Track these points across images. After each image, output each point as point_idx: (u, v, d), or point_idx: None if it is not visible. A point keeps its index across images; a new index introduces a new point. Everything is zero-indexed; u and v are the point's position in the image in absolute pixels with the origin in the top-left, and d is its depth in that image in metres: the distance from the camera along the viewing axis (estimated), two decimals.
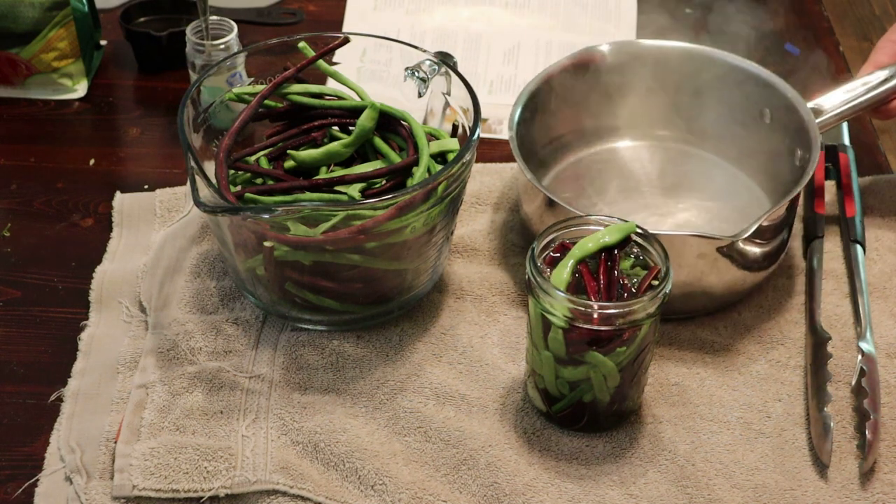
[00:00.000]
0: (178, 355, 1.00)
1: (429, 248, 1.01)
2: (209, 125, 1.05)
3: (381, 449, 0.94)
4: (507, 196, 1.20)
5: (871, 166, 1.26)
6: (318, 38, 1.09)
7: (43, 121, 1.31)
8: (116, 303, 1.07)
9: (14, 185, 1.21)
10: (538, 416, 0.97)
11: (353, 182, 1.00)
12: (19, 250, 1.13)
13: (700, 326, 1.06)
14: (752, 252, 1.03)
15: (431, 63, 1.08)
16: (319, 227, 0.93)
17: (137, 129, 1.30)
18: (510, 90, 1.37)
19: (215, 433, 0.94)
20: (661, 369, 1.01)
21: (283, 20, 1.47)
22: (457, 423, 0.96)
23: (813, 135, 1.08)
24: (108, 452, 0.93)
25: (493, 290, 1.09)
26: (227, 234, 0.98)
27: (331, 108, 1.07)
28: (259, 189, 1.01)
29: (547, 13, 1.49)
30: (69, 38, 1.30)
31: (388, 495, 0.90)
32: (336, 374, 1.00)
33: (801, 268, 1.12)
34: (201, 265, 1.09)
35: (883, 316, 1.07)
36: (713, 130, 1.20)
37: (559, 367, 0.91)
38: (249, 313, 1.05)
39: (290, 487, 0.90)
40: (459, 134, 1.07)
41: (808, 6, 1.56)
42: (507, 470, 0.93)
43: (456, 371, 1.01)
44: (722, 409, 0.99)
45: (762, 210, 1.12)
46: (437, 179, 0.95)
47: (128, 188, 1.20)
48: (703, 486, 0.92)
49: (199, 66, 1.26)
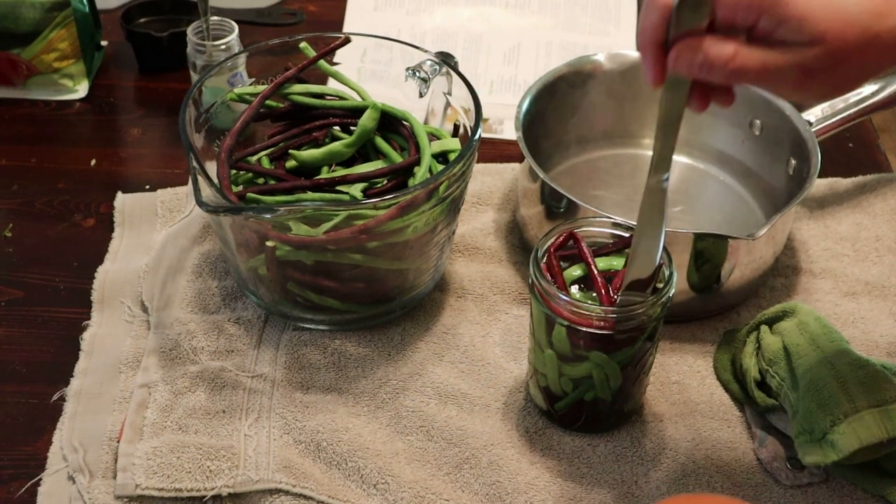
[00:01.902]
0: (181, 355, 1.01)
1: (430, 248, 1.01)
2: (211, 125, 1.05)
3: (384, 448, 0.94)
4: (509, 196, 1.20)
5: (870, 165, 1.27)
6: (318, 39, 1.09)
7: (44, 121, 1.31)
8: (118, 303, 1.07)
9: (15, 185, 1.21)
10: (540, 416, 0.97)
11: (355, 182, 1.01)
12: (21, 250, 1.13)
13: (700, 326, 1.06)
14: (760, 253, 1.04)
15: (432, 63, 1.08)
16: (321, 226, 0.94)
17: (138, 130, 1.31)
18: (511, 90, 1.37)
19: (218, 432, 0.94)
20: (662, 368, 1.02)
21: (284, 20, 1.47)
22: (459, 423, 0.96)
23: (810, 144, 1.08)
24: (110, 452, 0.93)
25: (495, 289, 1.09)
26: (229, 234, 0.98)
27: (332, 108, 1.07)
28: (261, 189, 1.01)
29: (547, 13, 1.49)
30: (70, 39, 1.30)
31: (390, 494, 0.90)
32: (338, 373, 1.00)
33: (799, 268, 1.13)
34: (203, 265, 1.09)
35: (883, 316, 1.08)
36: (705, 141, 1.21)
37: (562, 365, 0.91)
38: (251, 313, 1.05)
39: (293, 486, 0.90)
40: (461, 134, 1.07)
41: None
42: (508, 469, 0.93)
43: (458, 370, 1.01)
44: (722, 408, 0.99)
45: (753, 218, 1.14)
46: (439, 179, 0.95)
47: (129, 188, 1.20)
48: (703, 485, 0.92)
49: (200, 66, 1.26)
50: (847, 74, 0.75)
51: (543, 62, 1.41)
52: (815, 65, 0.73)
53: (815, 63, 0.73)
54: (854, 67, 0.74)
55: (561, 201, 1.04)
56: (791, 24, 0.72)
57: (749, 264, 1.04)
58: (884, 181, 1.22)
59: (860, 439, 0.86)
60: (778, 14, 0.72)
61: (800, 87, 0.75)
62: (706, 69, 0.74)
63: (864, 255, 1.14)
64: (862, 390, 0.87)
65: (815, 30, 0.72)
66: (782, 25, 0.72)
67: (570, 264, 0.92)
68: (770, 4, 0.72)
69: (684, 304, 1.03)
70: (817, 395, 0.88)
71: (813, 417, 0.88)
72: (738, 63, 0.73)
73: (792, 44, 0.73)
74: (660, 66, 0.75)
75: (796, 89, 0.75)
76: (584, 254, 0.91)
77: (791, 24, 0.72)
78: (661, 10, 0.73)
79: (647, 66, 0.76)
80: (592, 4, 1.50)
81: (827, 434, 0.87)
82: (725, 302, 1.07)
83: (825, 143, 1.13)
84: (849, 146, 1.29)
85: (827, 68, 0.73)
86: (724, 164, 1.20)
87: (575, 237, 0.92)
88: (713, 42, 0.73)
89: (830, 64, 0.73)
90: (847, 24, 0.72)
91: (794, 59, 0.73)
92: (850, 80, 0.76)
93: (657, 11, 0.74)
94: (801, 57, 0.73)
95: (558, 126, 1.19)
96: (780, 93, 0.77)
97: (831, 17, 0.72)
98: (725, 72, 0.73)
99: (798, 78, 0.74)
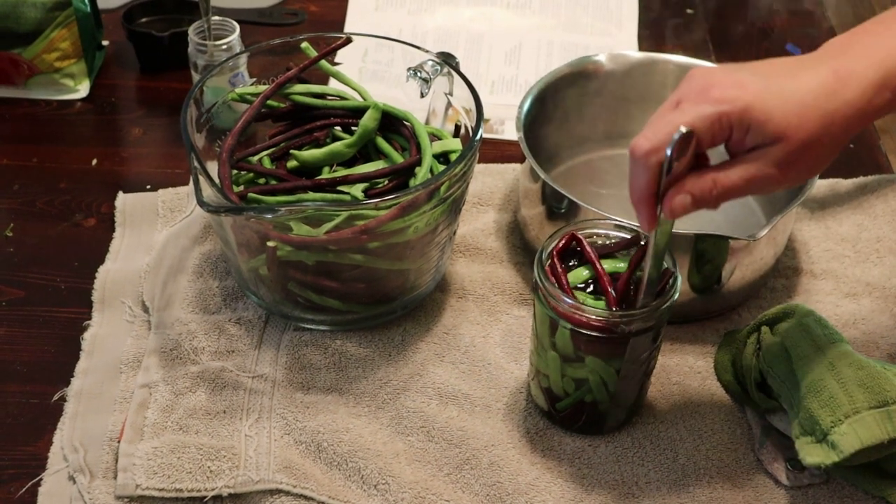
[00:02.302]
0: (181, 355, 1.01)
1: (431, 248, 1.01)
2: (212, 125, 1.05)
3: (384, 448, 0.94)
4: (510, 196, 1.20)
5: (871, 166, 1.27)
6: (320, 39, 1.09)
7: (45, 121, 1.31)
8: (119, 302, 1.07)
9: (17, 185, 1.21)
10: (541, 416, 0.97)
11: (356, 182, 1.00)
12: (22, 250, 1.13)
13: (701, 327, 1.06)
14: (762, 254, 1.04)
15: (434, 63, 1.08)
16: (322, 226, 0.94)
17: (140, 130, 1.31)
18: (512, 90, 1.37)
19: (218, 433, 0.94)
20: (663, 369, 1.02)
21: (285, 20, 1.47)
22: (459, 423, 0.96)
23: None
24: (111, 452, 0.93)
25: (496, 289, 1.09)
26: (230, 234, 0.98)
27: (333, 109, 1.07)
28: (262, 189, 1.01)
29: (548, 13, 1.49)
30: (71, 39, 1.30)
31: (390, 495, 0.90)
32: (339, 373, 1.00)
33: (800, 269, 1.13)
34: (204, 265, 1.09)
35: (884, 317, 1.08)
36: None
37: (565, 366, 0.91)
38: (252, 313, 1.05)
39: (293, 487, 0.90)
40: (462, 134, 1.07)
41: (809, 7, 1.56)
42: (509, 470, 0.93)
43: (458, 371, 1.01)
44: (723, 409, 0.99)
45: (753, 219, 1.14)
46: (440, 179, 0.95)
47: (130, 188, 1.20)
48: (704, 485, 0.92)
49: (202, 66, 1.26)
50: (820, 153, 0.80)
51: (545, 62, 1.41)
52: (787, 158, 0.79)
53: (787, 157, 0.79)
54: (824, 145, 0.80)
55: (562, 202, 1.04)
56: (755, 129, 0.78)
57: (750, 265, 1.04)
58: (885, 182, 1.22)
59: (861, 440, 0.86)
60: (744, 123, 0.78)
61: (782, 181, 0.80)
62: (697, 206, 0.80)
63: (864, 257, 1.14)
64: (862, 391, 0.87)
65: (776, 128, 0.78)
66: (750, 133, 0.78)
67: (578, 265, 0.92)
68: (737, 117, 0.78)
69: (685, 304, 1.03)
70: (818, 396, 0.88)
71: (813, 418, 0.88)
72: (720, 188, 0.79)
73: (762, 146, 0.79)
74: (654, 215, 0.82)
75: (781, 184, 0.81)
76: (589, 256, 0.91)
77: (755, 129, 0.78)
78: (653, 170, 0.79)
79: (643, 218, 0.82)
80: (594, 5, 1.50)
81: (828, 435, 0.87)
82: (726, 303, 1.07)
83: None
84: (850, 147, 1.29)
85: (799, 158, 0.79)
86: None
87: (578, 240, 0.92)
88: (694, 181, 0.79)
89: (800, 153, 0.79)
90: (803, 114, 0.78)
91: (767, 160, 0.79)
92: (825, 156, 0.81)
93: (649, 171, 0.79)
94: (772, 156, 0.79)
95: (559, 126, 1.19)
96: (768, 192, 0.83)
97: (788, 111, 0.78)
98: (712, 200, 0.80)
99: (777, 176, 0.79)
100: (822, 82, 0.79)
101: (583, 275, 0.91)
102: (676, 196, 0.80)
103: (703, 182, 0.79)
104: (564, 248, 0.92)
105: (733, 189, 0.80)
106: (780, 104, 0.78)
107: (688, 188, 0.79)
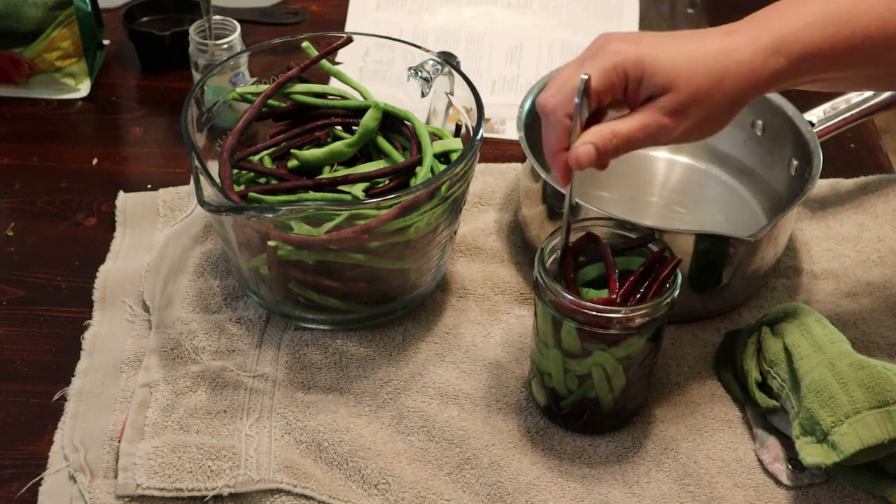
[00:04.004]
0: (182, 354, 1.01)
1: (432, 248, 1.01)
2: (213, 125, 1.05)
3: (385, 448, 0.94)
4: (510, 196, 1.20)
5: (873, 166, 1.27)
6: (320, 38, 1.09)
7: (46, 120, 1.31)
8: (120, 302, 1.07)
9: (17, 184, 1.21)
10: (541, 416, 0.97)
11: (357, 181, 1.00)
12: (23, 250, 1.13)
13: (701, 326, 1.06)
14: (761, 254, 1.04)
15: (434, 63, 1.08)
16: (323, 226, 0.94)
17: (140, 129, 1.31)
18: (513, 90, 1.37)
19: (219, 432, 0.94)
20: (664, 369, 1.02)
21: (286, 20, 1.47)
22: (460, 423, 0.96)
23: (812, 145, 1.08)
24: (111, 451, 0.93)
25: (496, 289, 1.09)
26: (231, 234, 0.98)
27: (334, 108, 1.07)
28: (263, 188, 1.01)
29: (549, 13, 1.49)
30: (72, 38, 1.30)
31: (391, 494, 0.90)
32: (339, 373, 1.00)
33: (801, 269, 1.13)
34: (205, 264, 1.09)
35: (884, 317, 1.08)
36: (707, 141, 1.20)
37: (568, 361, 0.91)
38: (253, 312, 1.05)
39: (294, 486, 0.90)
40: (462, 134, 1.07)
41: None
42: (510, 469, 0.93)
43: (459, 370, 1.01)
44: (723, 408, 0.99)
45: (754, 219, 1.14)
46: (441, 179, 0.95)
47: (131, 187, 1.20)
48: (705, 485, 0.92)
49: (202, 65, 1.26)
50: (712, 109, 0.84)
51: (545, 62, 1.41)
52: (678, 108, 0.83)
53: (678, 107, 0.83)
54: (715, 101, 0.84)
55: (563, 201, 1.04)
56: (647, 79, 0.83)
57: (750, 265, 1.04)
58: (886, 182, 1.22)
59: (861, 440, 0.86)
60: (637, 73, 0.83)
61: (676, 131, 0.84)
62: (601, 157, 0.84)
63: (865, 256, 1.14)
64: (863, 391, 0.87)
65: (665, 78, 0.82)
66: (643, 83, 0.83)
67: (587, 263, 0.93)
68: (631, 66, 0.82)
69: (686, 304, 1.03)
70: (818, 396, 0.88)
71: (814, 418, 0.88)
72: (619, 137, 0.83)
73: (653, 97, 0.83)
74: (568, 168, 0.86)
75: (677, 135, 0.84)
76: (604, 251, 0.92)
77: (647, 80, 0.83)
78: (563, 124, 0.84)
79: (558, 172, 0.87)
80: (594, 4, 1.50)
81: (828, 435, 0.87)
82: (727, 303, 1.07)
83: (827, 143, 1.13)
84: (850, 147, 1.29)
85: (689, 108, 0.83)
86: (726, 164, 1.20)
87: (595, 238, 0.93)
88: (595, 132, 0.84)
89: (690, 103, 0.83)
90: (693, 69, 0.83)
91: (659, 109, 0.83)
92: (720, 113, 0.85)
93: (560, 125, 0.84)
94: (663, 105, 0.83)
95: None
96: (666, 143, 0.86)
97: (678, 63, 0.82)
98: (613, 149, 0.84)
99: (670, 125, 0.84)
100: (716, 43, 0.84)
101: (591, 274, 0.92)
102: (580, 147, 0.84)
103: (603, 131, 0.83)
104: (578, 245, 0.93)
105: (632, 138, 0.84)
106: (671, 57, 0.83)
107: (589, 138, 0.83)
